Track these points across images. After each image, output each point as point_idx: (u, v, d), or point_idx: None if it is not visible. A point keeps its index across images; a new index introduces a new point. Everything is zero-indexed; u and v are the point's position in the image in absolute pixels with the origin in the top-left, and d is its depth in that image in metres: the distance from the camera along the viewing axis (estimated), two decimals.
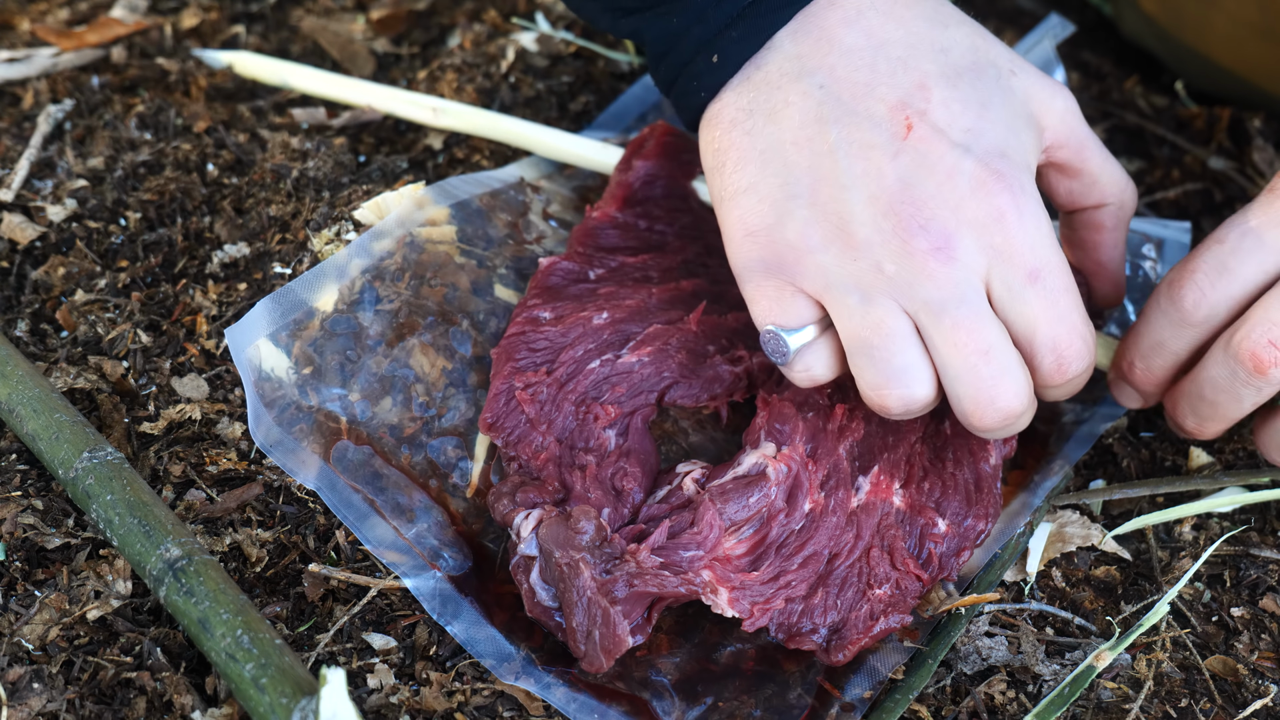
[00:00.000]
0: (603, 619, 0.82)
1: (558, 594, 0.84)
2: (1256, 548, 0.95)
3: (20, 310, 1.00)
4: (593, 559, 0.83)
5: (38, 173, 1.08)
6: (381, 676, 0.84)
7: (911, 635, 0.88)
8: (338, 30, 1.21)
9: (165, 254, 1.03)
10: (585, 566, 0.82)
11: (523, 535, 0.85)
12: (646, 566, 0.82)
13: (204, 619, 0.81)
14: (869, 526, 0.88)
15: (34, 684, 0.81)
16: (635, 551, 0.83)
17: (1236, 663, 0.89)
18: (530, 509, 0.86)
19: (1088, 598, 0.92)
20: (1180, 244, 1.07)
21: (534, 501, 0.86)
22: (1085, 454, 0.99)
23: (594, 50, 1.20)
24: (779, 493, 0.86)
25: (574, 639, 0.83)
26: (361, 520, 0.88)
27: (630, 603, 0.83)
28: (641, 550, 0.83)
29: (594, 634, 0.82)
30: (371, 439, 0.91)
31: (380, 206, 0.98)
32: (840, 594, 0.87)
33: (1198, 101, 1.25)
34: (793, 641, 0.86)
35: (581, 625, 0.83)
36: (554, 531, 0.84)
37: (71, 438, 0.88)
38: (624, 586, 0.82)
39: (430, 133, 1.12)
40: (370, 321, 0.92)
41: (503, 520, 0.87)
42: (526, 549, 0.85)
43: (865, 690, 0.86)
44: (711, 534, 0.84)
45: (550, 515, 0.85)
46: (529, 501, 0.86)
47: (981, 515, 0.90)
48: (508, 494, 0.87)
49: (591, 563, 0.83)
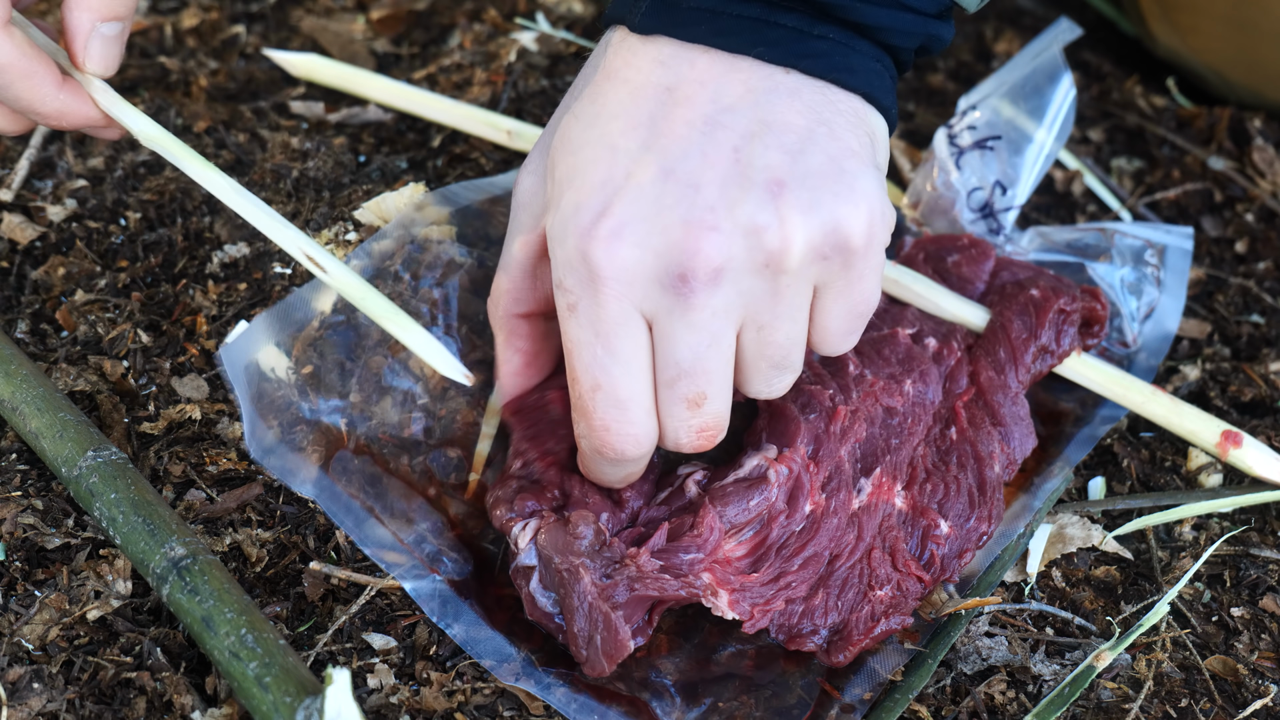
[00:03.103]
0: (604, 624, 0.82)
1: (558, 599, 0.84)
2: (1256, 548, 0.95)
3: (20, 310, 1.00)
4: (592, 564, 0.83)
5: (38, 173, 1.08)
6: (381, 676, 0.84)
7: (912, 637, 0.88)
8: (338, 30, 1.21)
9: (165, 254, 1.03)
10: (585, 572, 0.82)
11: (520, 545, 0.85)
12: (646, 570, 0.82)
13: (208, 618, 0.81)
14: (870, 528, 0.88)
15: (34, 684, 0.81)
16: (635, 555, 0.83)
17: (1236, 663, 0.89)
18: (527, 519, 0.86)
19: (1088, 598, 0.92)
20: (1183, 250, 1.07)
21: (531, 510, 0.86)
22: (1085, 455, 0.99)
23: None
24: (780, 494, 0.86)
25: (575, 644, 0.83)
26: (360, 527, 0.88)
27: (631, 606, 0.83)
28: (641, 554, 0.83)
29: (595, 639, 0.82)
30: (369, 445, 0.90)
31: (380, 206, 0.98)
32: (841, 595, 0.87)
33: (1201, 102, 1.25)
34: (793, 643, 0.86)
35: (583, 630, 0.82)
36: (553, 537, 0.84)
37: (75, 436, 0.88)
38: (624, 590, 0.82)
39: (431, 132, 1.12)
40: (368, 328, 0.92)
41: (501, 528, 0.87)
42: (525, 559, 0.85)
43: (865, 692, 0.86)
44: (711, 537, 0.83)
45: (548, 522, 0.85)
46: (525, 510, 0.86)
47: (985, 517, 0.90)
48: (505, 501, 0.87)
49: (591, 568, 0.82)
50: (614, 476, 0.85)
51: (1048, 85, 1.08)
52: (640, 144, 0.77)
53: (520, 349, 0.87)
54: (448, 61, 1.17)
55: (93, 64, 0.87)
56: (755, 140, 0.77)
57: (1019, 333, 0.96)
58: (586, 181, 0.77)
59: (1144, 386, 0.98)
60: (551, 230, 0.78)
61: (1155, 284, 1.05)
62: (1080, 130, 1.21)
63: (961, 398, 0.94)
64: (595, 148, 0.78)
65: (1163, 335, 1.04)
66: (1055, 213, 1.15)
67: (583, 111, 0.79)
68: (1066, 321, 0.97)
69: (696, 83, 0.78)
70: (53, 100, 0.86)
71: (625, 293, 0.77)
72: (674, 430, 0.81)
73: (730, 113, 0.77)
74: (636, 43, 0.79)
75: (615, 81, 0.79)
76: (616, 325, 0.78)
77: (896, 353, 0.95)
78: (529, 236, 0.84)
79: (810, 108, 0.79)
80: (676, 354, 0.79)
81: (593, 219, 0.76)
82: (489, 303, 0.87)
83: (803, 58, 0.78)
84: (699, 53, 0.78)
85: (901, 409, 0.92)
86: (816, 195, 0.77)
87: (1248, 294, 1.11)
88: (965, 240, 1.02)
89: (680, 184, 0.76)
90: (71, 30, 0.86)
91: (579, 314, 0.78)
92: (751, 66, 0.78)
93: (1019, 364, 0.95)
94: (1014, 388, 0.95)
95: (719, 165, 0.77)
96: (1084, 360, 0.98)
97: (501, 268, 0.86)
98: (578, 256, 0.77)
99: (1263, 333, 1.08)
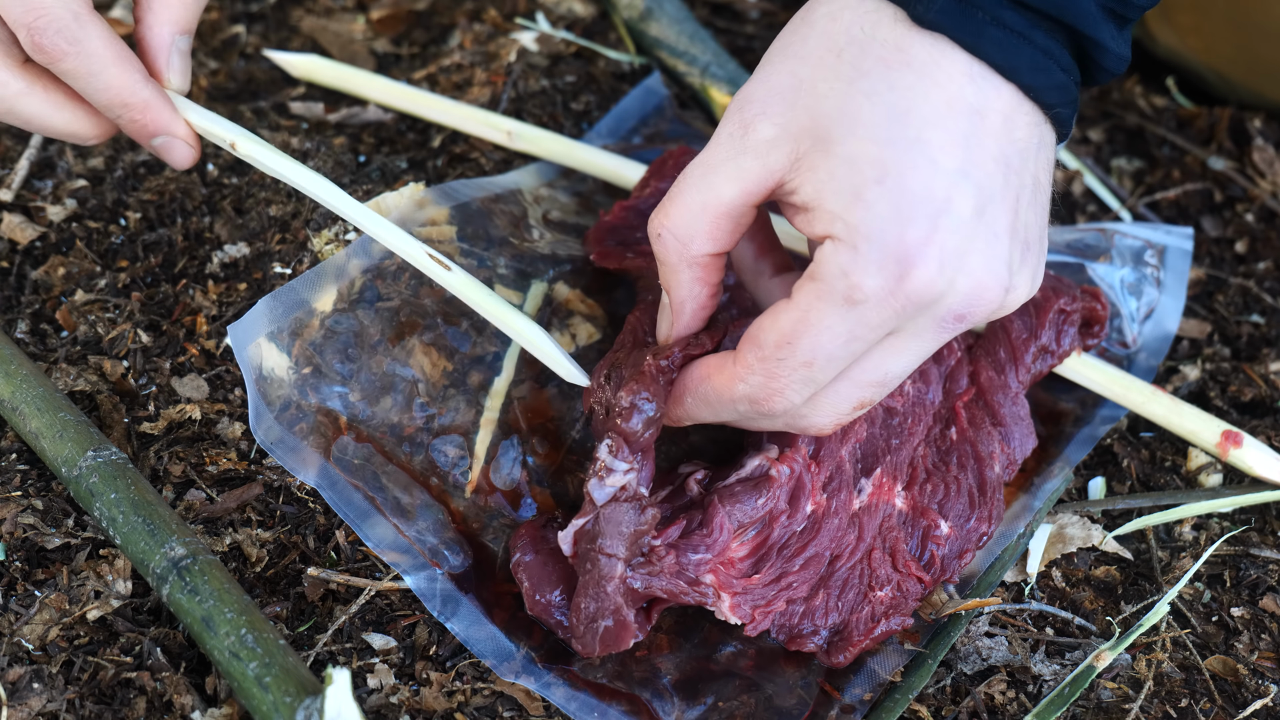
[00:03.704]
0: (614, 615, 0.82)
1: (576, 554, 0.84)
2: (1256, 548, 0.95)
3: (20, 310, 1.00)
4: (627, 553, 0.83)
5: (38, 173, 1.08)
6: (381, 676, 0.84)
7: (912, 638, 0.88)
8: (338, 30, 1.21)
9: (165, 254, 1.03)
10: (620, 563, 0.82)
11: (607, 481, 0.84)
12: (666, 569, 0.83)
13: (208, 617, 0.81)
14: (871, 528, 0.88)
15: (34, 684, 0.81)
16: (660, 554, 0.83)
17: (1236, 663, 0.89)
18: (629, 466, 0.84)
19: (1088, 598, 0.92)
20: (1182, 251, 1.07)
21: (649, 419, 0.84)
22: (1085, 455, 0.99)
23: (594, 50, 1.20)
24: (782, 494, 0.86)
25: (575, 616, 0.83)
26: (362, 519, 0.89)
27: (637, 599, 0.83)
28: (667, 554, 0.83)
29: (599, 624, 0.82)
30: (372, 437, 0.91)
31: (380, 206, 0.98)
32: (841, 596, 0.87)
33: (1201, 102, 1.25)
34: (794, 643, 0.86)
35: (588, 609, 0.83)
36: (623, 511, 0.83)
37: (75, 436, 0.88)
38: (641, 585, 0.83)
39: (431, 132, 1.12)
40: (371, 321, 0.92)
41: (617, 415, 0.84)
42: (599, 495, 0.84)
43: (865, 692, 0.86)
44: (721, 537, 0.84)
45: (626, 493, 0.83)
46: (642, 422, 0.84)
47: (985, 518, 0.90)
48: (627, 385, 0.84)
49: (624, 556, 0.83)
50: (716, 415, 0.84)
51: None
52: (958, 168, 0.76)
53: (709, 283, 0.84)
54: (447, 61, 1.17)
55: (175, 78, 0.88)
56: (1030, 196, 0.79)
57: (1019, 333, 0.96)
58: (905, 188, 0.75)
59: (1144, 386, 0.98)
60: (857, 222, 0.76)
61: (1155, 284, 1.05)
62: (1080, 130, 1.21)
63: (962, 398, 0.94)
64: (913, 153, 0.76)
65: (1163, 335, 1.04)
66: (1055, 212, 1.15)
67: (883, 99, 0.77)
68: (1067, 322, 0.97)
69: (999, 114, 0.77)
70: (141, 90, 0.86)
71: (904, 312, 0.76)
72: (824, 415, 0.82)
73: (1019, 156, 0.78)
74: (929, 41, 0.77)
75: (923, 81, 0.77)
76: (873, 331, 0.77)
77: None
78: (753, 186, 0.80)
79: (1050, 164, 0.81)
80: (890, 367, 0.79)
81: (922, 238, 0.75)
82: (669, 240, 0.82)
83: (1066, 106, 0.80)
84: (1000, 80, 0.77)
85: (901, 409, 0.92)
86: (1040, 265, 0.81)
87: (1248, 294, 1.11)
88: None
89: (989, 228, 0.77)
90: (153, 44, 0.87)
91: (855, 309, 0.76)
92: (1032, 110, 0.79)
93: (1019, 364, 0.95)
94: (1014, 388, 0.95)
95: (1007, 215, 0.77)
96: (1084, 360, 0.98)
97: (696, 207, 0.81)
98: (900, 266, 0.75)
99: (1263, 333, 1.08)
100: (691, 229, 0.81)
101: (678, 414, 0.85)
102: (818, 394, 0.80)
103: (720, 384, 0.81)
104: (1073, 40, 0.79)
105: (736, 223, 0.81)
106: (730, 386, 0.81)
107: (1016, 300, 0.79)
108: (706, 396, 0.82)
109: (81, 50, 0.83)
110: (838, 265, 0.76)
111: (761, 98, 0.79)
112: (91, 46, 0.83)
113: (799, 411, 0.81)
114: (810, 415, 0.81)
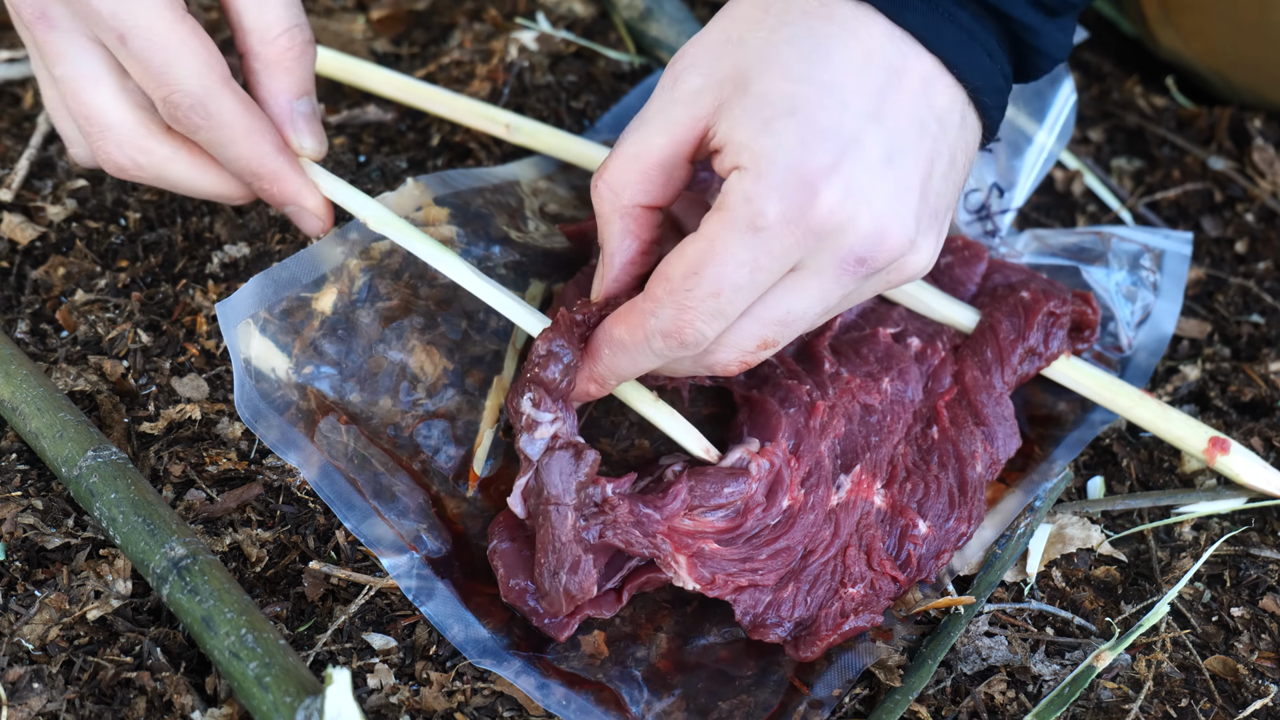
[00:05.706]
0: (572, 565, 0.83)
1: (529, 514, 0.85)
2: (1256, 548, 0.95)
3: (20, 310, 1.00)
4: (575, 499, 0.83)
5: (38, 173, 1.08)
6: (381, 676, 0.84)
7: (885, 635, 0.88)
8: (338, 30, 1.21)
9: (165, 254, 1.03)
10: (570, 510, 0.83)
11: (536, 434, 0.85)
12: (621, 518, 0.83)
13: (208, 617, 0.81)
14: (848, 525, 0.88)
15: (34, 684, 0.81)
16: (613, 504, 0.84)
17: (1236, 663, 0.89)
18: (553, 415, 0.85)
19: (1088, 598, 0.92)
20: (1181, 255, 1.07)
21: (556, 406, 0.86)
22: (1084, 455, 0.99)
23: (594, 50, 1.20)
24: (760, 488, 0.86)
25: (539, 574, 0.84)
26: (343, 500, 0.89)
27: (598, 552, 0.84)
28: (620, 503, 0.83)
29: (560, 576, 0.83)
30: (359, 419, 0.91)
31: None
32: (812, 590, 0.87)
33: (1201, 102, 1.25)
34: (756, 632, 0.86)
35: (549, 565, 0.83)
36: (559, 460, 0.84)
37: (75, 436, 0.89)
38: (595, 535, 0.83)
39: (430, 131, 1.12)
40: (371, 319, 0.93)
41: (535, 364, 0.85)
42: (532, 450, 0.85)
43: (835, 688, 0.86)
44: (672, 504, 0.84)
45: (558, 442, 0.85)
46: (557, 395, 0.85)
47: (964, 518, 0.90)
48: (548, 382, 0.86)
49: (573, 503, 0.83)
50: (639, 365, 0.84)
51: (1049, 88, 1.08)
52: (869, 113, 0.78)
53: (640, 237, 0.85)
54: (447, 60, 1.17)
55: (307, 142, 0.89)
56: (945, 168, 0.81)
57: (1007, 334, 0.96)
58: (813, 122, 0.77)
59: (1132, 391, 0.98)
60: (762, 150, 0.77)
61: (1150, 289, 1.05)
62: (1080, 130, 1.21)
63: (944, 397, 0.94)
64: (824, 92, 0.78)
65: (1159, 338, 1.04)
66: (1055, 213, 1.15)
67: (802, 45, 0.79)
68: (1055, 324, 0.97)
69: (918, 76, 0.79)
70: (272, 160, 0.86)
71: (806, 242, 0.78)
72: (729, 351, 0.82)
73: (937, 123, 0.80)
74: (854, 5, 0.80)
75: (844, 33, 0.79)
76: (776, 260, 0.78)
77: (875, 351, 0.95)
78: (682, 134, 0.82)
79: (971, 150, 0.83)
80: (792, 305, 0.81)
81: (827, 167, 0.77)
82: (603, 190, 0.84)
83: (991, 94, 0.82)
84: (922, 49, 0.80)
85: (880, 406, 0.92)
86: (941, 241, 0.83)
87: (1248, 294, 1.11)
88: (959, 242, 1.02)
89: (897, 175, 0.78)
90: (274, 116, 0.87)
91: (759, 235, 0.78)
92: (954, 84, 0.81)
93: (1005, 365, 0.95)
94: (999, 388, 0.95)
95: (919, 171, 0.79)
96: (1073, 364, 0.98)
97: (629, 157, 0.83)
98: (803, 193, 0.77)
99: (1263, 333, 1.08)
100: (623, 179, 0.83)
101: (598, 370, 0.85)
102: (725, 332, 0.81)
103: (633, 323, 0.82)
104: (1006, 30, 0.82)
105: (669, 175, 0.83)
106: (643, 323, 0.82)
107: (920, 263, 0.81)
108: (621, 340, 0.83)
109: (213, 124, 0.84)
110: (742, 192, 0.77)
111: (693, 53, 0.82)
112: (224, 119, 0.84)
113: (708, 349, 0.82)
114: (715, 351, 0.82)
